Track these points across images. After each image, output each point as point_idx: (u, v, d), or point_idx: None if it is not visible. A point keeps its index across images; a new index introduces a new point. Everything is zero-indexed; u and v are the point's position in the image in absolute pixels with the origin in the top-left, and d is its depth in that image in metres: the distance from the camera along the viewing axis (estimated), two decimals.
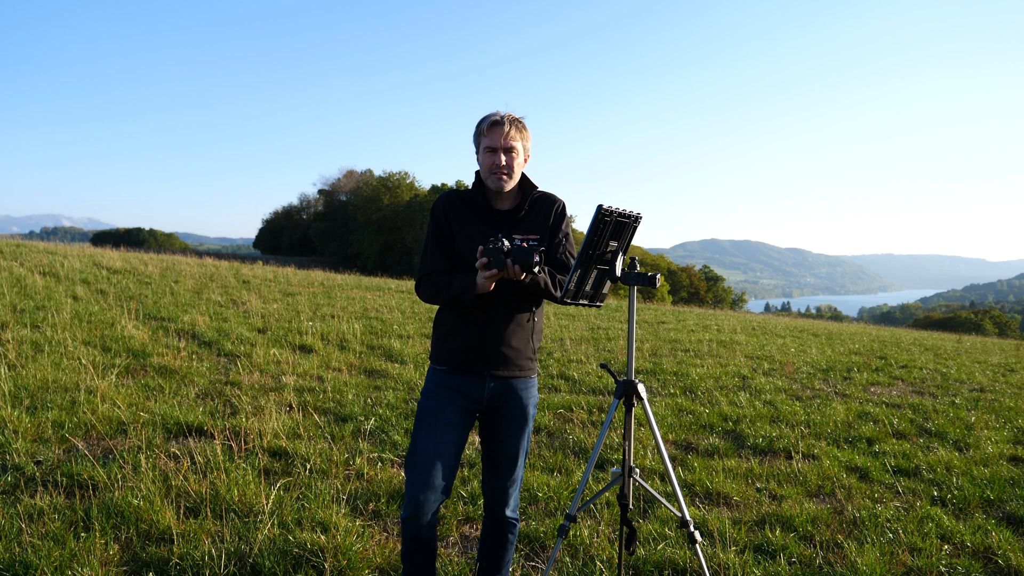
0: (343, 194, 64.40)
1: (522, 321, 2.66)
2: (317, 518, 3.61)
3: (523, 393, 2.70)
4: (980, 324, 53.85)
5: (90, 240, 66.49)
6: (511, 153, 2.57)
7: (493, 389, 2.65)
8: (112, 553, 3.20)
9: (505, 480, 2.74)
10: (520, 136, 2.59)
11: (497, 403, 2.67)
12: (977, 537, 3.91)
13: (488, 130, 2.56)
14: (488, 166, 2.58)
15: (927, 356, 12.74)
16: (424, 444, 2.59)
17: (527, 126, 2.64)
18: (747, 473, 4.93)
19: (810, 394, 8.05)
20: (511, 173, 2.59)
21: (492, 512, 2.79)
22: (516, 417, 2.69)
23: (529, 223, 2.66)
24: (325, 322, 10.73)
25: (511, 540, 2.83)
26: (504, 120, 2.56)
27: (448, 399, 2.63)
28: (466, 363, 2.62)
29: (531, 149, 2.67)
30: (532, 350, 2.71)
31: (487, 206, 2.66)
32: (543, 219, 2.69)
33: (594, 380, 7.85)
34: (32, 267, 14.47)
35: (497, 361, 2.62)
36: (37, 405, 5.30)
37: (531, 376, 2.74)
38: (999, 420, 7.11)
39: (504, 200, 2.68)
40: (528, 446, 2.78)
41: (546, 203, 2.71)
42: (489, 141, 2.56)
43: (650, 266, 57.50)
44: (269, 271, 19.33)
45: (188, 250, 40.59)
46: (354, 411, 5.83)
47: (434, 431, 2.60)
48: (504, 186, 2.59)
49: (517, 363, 2.66)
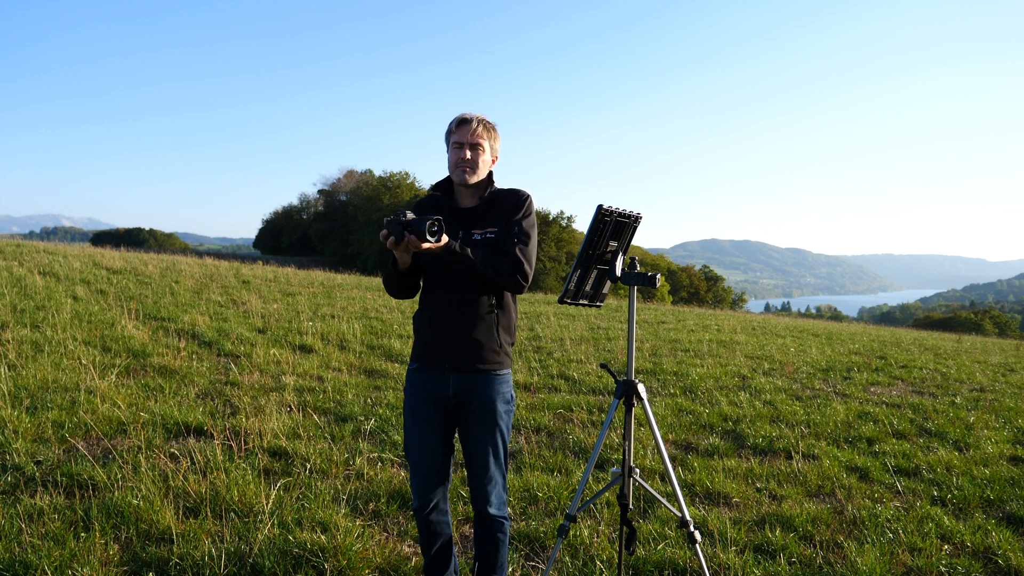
0: (343, 194, 64.38)
1: (481, 313, 2.63)
2: (317, 518, 3.61)
3: (488, 389, 2.65)
4: (980, 324, 53.87)
5: (90, 240, 66.50)
6: (477, 149, 2.64)
7: (457, 385, 2.64)
8: (112, 553, 3.20)
9: (480, 478, 2.71)
10: (487, 136, 2.67)
11: (463, 400, 2.66)
12: (977, 537, 3.91)
13: (457, 128, 2.66)
14: (454, 160, 2.65)
15: (927, 356, 12.75)
16: (411, 442, 2.74)
17: (498, 130, 2.72)
18: (747, 473, 4.93)
19: (810, 394, 8.05)
20: (475, 168, 2.64)
21: (476, 510, 2.78)
22: (483, 414, 2.66)
23: (490, 218, 2.68)
24: (325, 322, 10.73)
25: (501, 539, 2.79)
26: (473, 119, 2.65)
27: (420, 397, 2.70)
28: (430, 359, 2.68)
29: (500, 151, 2.75)
30: (498, 343, 2.67)
31: (450, 205, 2.72)
32: (503, 212, 2.69)
33: (594, 380, 7.85)
34: (32, 267, 14.47)
35: (456, 355, 2.63)
36: (37, 405, 5.30)
37: (498, 370, 2.69)
38: (999, 420, 7.11)
39: (468, 198, 2.73)
40: (504, 444, 2.72)
41: (507, 197, 2.72)
42: (457, 137, 2.65)
43: (650, 266, 57.53)
44: (269, 271, 19.33)
45: (188, 250, 40.60)
46: (354, 411, 5.83)
47: (416, 431, 2.72)
48: (467, 179, 2.64)
49: (480, 357, 2.63)
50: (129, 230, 78.96)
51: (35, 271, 13.87)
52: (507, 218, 2.66)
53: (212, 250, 61.05)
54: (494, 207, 2.69)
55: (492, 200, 2.70)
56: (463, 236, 2.65)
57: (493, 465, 2.71)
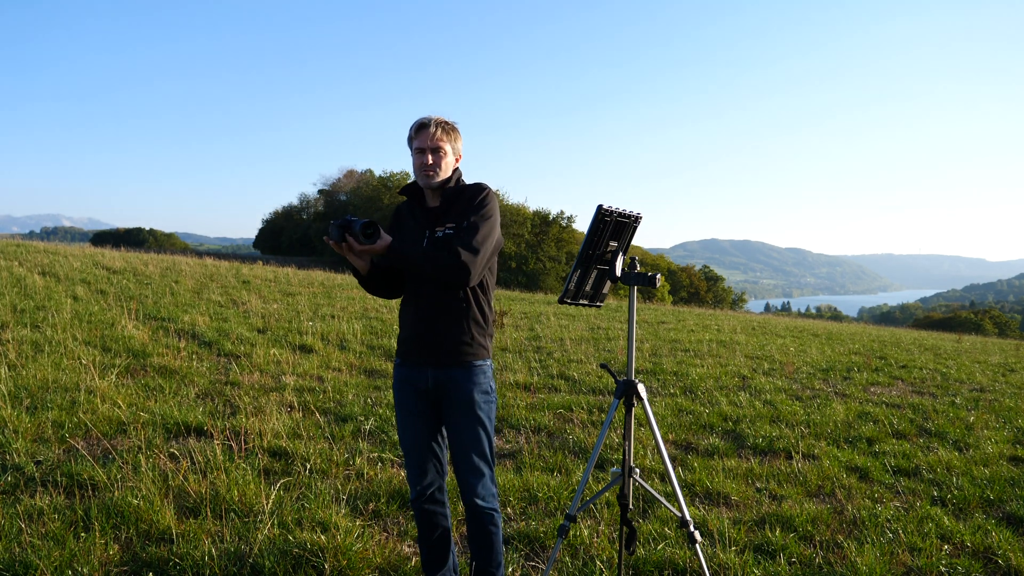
0: (343, 194, 64.37)
1: (451, 306, 2.68)
2: (317, 518, 3.61)
3: (465, 381, 2.70)
4: (980, 324, 53.87)
5: (90, 240, 66.49)
6: (438, 153, 2.70)
7: (435, 378, 2.71)
8: (112, 553, 3.20)
9: (464, 470, 2.75)
10: (447, 138, 2.72)
11: (442, 392, 2.73)
12: (977, 537, 3.91)
13: (416, 133, 2.72)
14: (417, 165, 2.71)
15: (927, 356, 12.75)
16: (403, 436, 2.84)
17: (459, 130, 2.78)
18: (747, 473, 4.93)
19: (810, 394, 8.05)
20: (437, 170, 2.70)
21: (466, 503, 2.80)
22: (460, 405, 2.71)
23: (451, 214, 2.72)
24: (325, 322, 10.73)
25: (493, 531, 2.79)
26: (431, 123, 2.70)
27: (404, 391, 2.79)
28: (409, 353, 2.76)
29: (462, 150, 2.81)
30: (470, 336, 2.70)
31: (419, 207, 2.79)
32: (464, 207, 2.73)
33: (594, 380, 7.85)
34: (32, 267, 14.47)
35: (431, 349, 2.70)
36: (37, 405, 5.30)
37: (474, 362, 2.72)
38: (999, 420, 7.11)
39: (434, 198, 2.79)
40: (487, 435, 2.76)
41: (466, 192, 2.75)
42: (418, 143, 2.71)
43: (650, 266, 57.52)
44: (269, 271, 19.34)
45: (188, 250, 40.59)
46: (354, 411, 5.83)
47: (406, 426, 2.81)
48: (431, 182, 2.70)
49: (455, 350, 2.69)
50: (129, 230, 78.98)
51: (35, 271, 13.87)
52: (466, 214, 2.71)
53: (212, 250, 61.04)
54: (455, 204, 2.74)
55: (452, 197, 2.75)
56: (429, 235, 2.71)
57: (476, 456, 2.74)
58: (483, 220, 2.65)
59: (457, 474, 2.79)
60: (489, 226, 2.65)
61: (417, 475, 2.82)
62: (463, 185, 2.79)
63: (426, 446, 2.80)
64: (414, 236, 2.74)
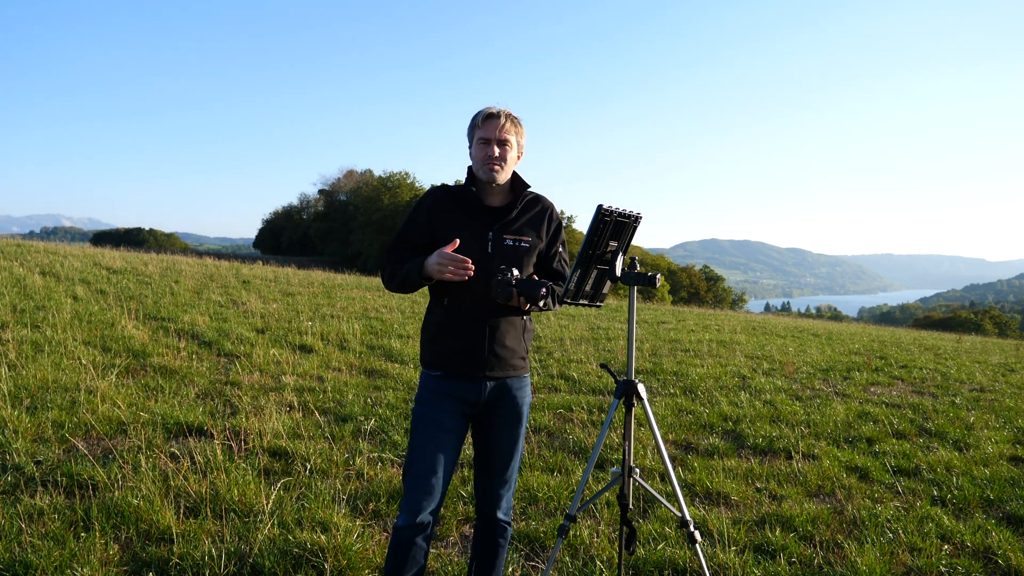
0: (343, 194, 64.38)
1: (515, 321, 2.63)
2: (317, 518, 3.61)
3: (518, 392, 2.66)
4: (980, 324, 53.86)
5: (90, 240, 66.51)
6: (504, 146, 2.55)
7: (490, 391, 2.61)
8: (112, 553, 3.20)
9: (496, 482, 2.68)
10: (515, 131, 2.58)
11: (492, 404, 2.63)
12: (977, 537, 3.91)
13: (483, 122, 2.55)
14: (481, 157, 2.55)
15: (927, 356, 12.74)
16: (422, 453, 2.54)
17: (523, 125, 2.63)
18: (747, 473, 4.93)
19: (810, 394, 8.05)
20: (503, 165, 2.56)
21: (483, 515, 2.73)
22: (510, 416, 2.66)
23: (521, 224, 2.63)
24: (325, 322, 10.73)
25: (502, 544, 2.75)
26: (500, 113, 2.55)
27: (444, 405, 2.57)
28: (462, 366, 2.56)
29: (526, 147, 2.66)
30: (525, 349, 2.69)
31: (478, 202, 2.61)
32: (537, 223, 2.67)
33: (594, 380, 7.84)
34: (32, 267, 14.47)
35: (494, 362, 2.59)
36: (37, 405, 5.30)
37: (525, 375, 2.71)
38: (999, 420, 7.11)
39: (495, 196, 2.65)
40: (522, 447, 2.74)
41: (540, 207, 2.70)
42: (483, 133, 2.54)
43: (650, 266, 57.50)
44: (269, 271, 19.33)
45: (188, 250, 40.59)
46: (354, 411, 5.83)
47: (433, 440, 2.55)
48: (496, 177, 2.55)
49: (512, 363, 2.63)
50: (129, 230, 79.00)
51: (35, 271, 13.87)
52: (544, 233, 2.69)
53: (212, 250, 61.03)
54: (525, 213, 2.65)
55: (525, 205, 2.66)
56: (494, 237, 2.57)
57: (514, 467, 2.71)
58: (567, 254, 2.73)
59: (487, 485, 2.69)
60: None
61: (421, 499, 2.51)
62: (536, 194, 2.70)
63: (448, 467, 2.58)
64: (472, 234, 2.55)
